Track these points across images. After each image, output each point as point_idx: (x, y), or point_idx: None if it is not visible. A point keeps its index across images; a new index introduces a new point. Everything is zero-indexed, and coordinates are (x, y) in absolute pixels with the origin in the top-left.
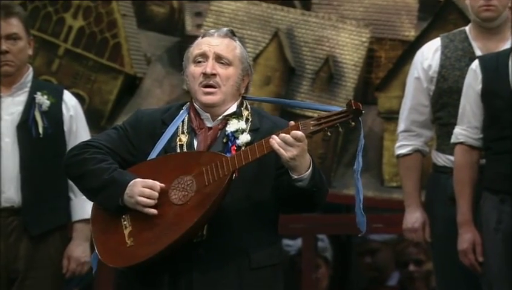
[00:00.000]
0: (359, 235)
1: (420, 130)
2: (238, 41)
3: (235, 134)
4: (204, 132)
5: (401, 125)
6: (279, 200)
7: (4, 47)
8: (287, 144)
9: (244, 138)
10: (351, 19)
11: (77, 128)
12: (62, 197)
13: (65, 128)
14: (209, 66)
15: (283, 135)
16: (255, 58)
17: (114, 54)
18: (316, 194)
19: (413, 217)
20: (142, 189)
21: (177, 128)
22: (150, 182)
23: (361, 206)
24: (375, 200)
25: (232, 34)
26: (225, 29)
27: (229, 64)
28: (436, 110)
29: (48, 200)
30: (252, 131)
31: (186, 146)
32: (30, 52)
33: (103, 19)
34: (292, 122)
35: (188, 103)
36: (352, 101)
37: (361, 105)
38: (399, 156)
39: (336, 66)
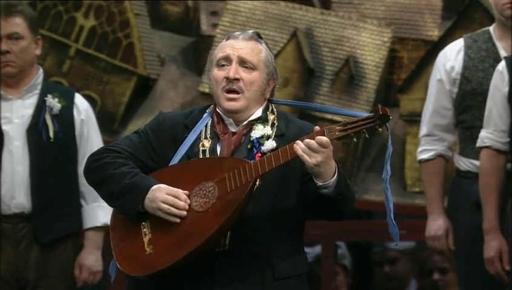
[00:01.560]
0: (393, 246)
1: (443, 134)
2: (264, 44)
3: (260, 140)
4: (227, 138)
5: (423, 129)
6: (304, 207)
7: (5, 47)
8: (311, 149)
9: (270, 144)
10: (373, 18)
11: (89, 133)
12: (73, 203)
13: (76, 132)
14: (232, 71)
15: (307, 140)
16: None
17: (126, 54)
18: (341, 203)
19: (436, 225)
20: (166, 196)
21: (200, 133)
22: (174, 190)
23: (392, 216)
24: (397, 206)
25: (257, 37)
26: (250, 31)
27: (253, 68)
28: (459, 113)
29: (59, 207)
30: (277, 137)
31: (209, 152)
32: (38, 52)
33: (116, 19)
34: (317, 127)
35: (211, 106)
36: (380, 106)
37: (388, 110)
38: (421, 161)
39: (357, 67)
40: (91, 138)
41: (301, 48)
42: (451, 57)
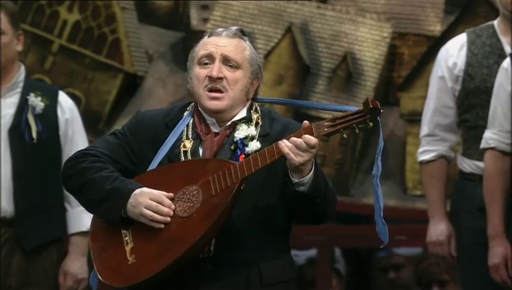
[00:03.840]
0: (381, 247)
1: (444, 134)
2: (248, 42)
3: (244, 141)
4: (210, 138)
5: (424, 129)
6: (287, 209)
7: None
8: (298, 148)
9: (254, 145)
10: (372, 13)
11: (73, 133)
12: (57, 207)
13: (61, 132)
14: (215, 69)
15: (294, 139)
16: (267, 56)
17: (112, 50)
18: (319, 201)
19: (438, 229)
20: (149, 201)
21: (181, 133)
22: (158, 194)
23: (382, 214)
24: (397, 210)
25: (241, 34)
26: (234, 28)
27: (237, 67)
28: (462, 112)
29: (43, 211)
30: (261, 137)
31: (191, 153)
32: (19, 48)
33: (101, 13)
34: (306, 122)
35: (192, 105)
36: (369, 100)
37: (378, 104)
38: (422, 163)
39: (355, 63)
40: (75, 139)
41: (296, 44)
42: (454, 53)
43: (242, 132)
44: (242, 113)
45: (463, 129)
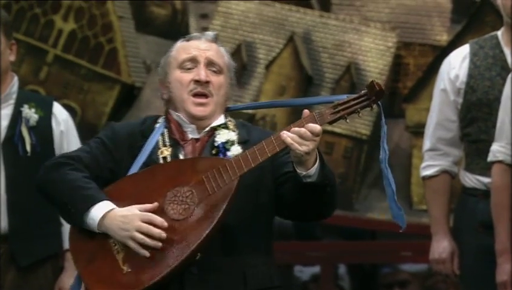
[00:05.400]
0: (400, 231)
1: (447, 148)
2: (223, 48)
3: (226, 145)
4: (191, 144)
5: (426, 144)
6: (285, 209)
7: None
8: (302, 138)
9: (236, 149)
10: (376, 22)
11: (69, 145)
12: (53, 222)
13: (55, 145)
14: (203, 73)
15: (297, 129)
16: (268, 66)
17: (109, 60)
18: (329, 192)
19: (440, 247)
20: (139, 224)
21: (157, 142)
22: (147, 215)
23: (395, 198)
24: None
25: (216, 40)
26: (211, 32)
27: (220, 72)
28: (464, 126)
29: (38, 226)
30: (241, 143)
31: (171, 159)
32: (12, 58)
33: (97, 22)
34: (307, 111)
35: (162, 117)
36: (374, 82)
37: (383, 85)
38: (424, 178)
39: (359, 74)
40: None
41: (299, 54)
42: (456, 65)
43: (223, 136)
44: (221, 120)
45: (466, 143)
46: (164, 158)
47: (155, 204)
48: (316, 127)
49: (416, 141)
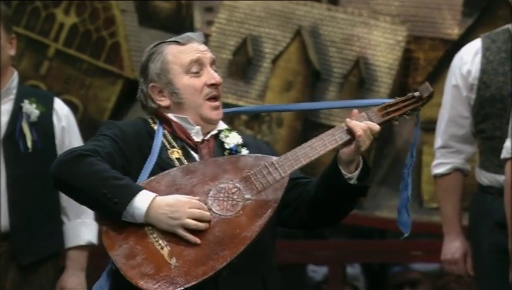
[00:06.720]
0: (401, 239)
1: (460, 145)
2: None
3: (238, 148)
4: (207, 145)
5: (438, 141)
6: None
7: None
8: (371, 133)
9: (245, 152)
10: (385, 15)
11: (70, 142)
12: (54, 220)
13: (57, 141)
14: (216, 76)
15: (370, 123)
16: (274, 60)
17: (111, 55)
18: (361, 196)
19: (453, 247)
20: (191, 210)
21: (162, 143)
22: (196, 202)
23: (407, 204)
24: (413, 223)
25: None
26: (198, 32)
27: (216, 71)
28: (477, 122)
29: (39, 225)
30: (244, 146)
31: (186, 159)
32: (12, 52)
33: (100, 15)
34: (356, 111)
35: (151, 119)
36: (428, 83)
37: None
38: (436, 176)
39: (368, 69)
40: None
41: (306, 48)
42: (468, 60)
43: (233, 139)
44: (222, 123)
45: (480, 140)
46: (178, 159)
47: (197, 198)
48: (375, 126)
49: (427, 137)
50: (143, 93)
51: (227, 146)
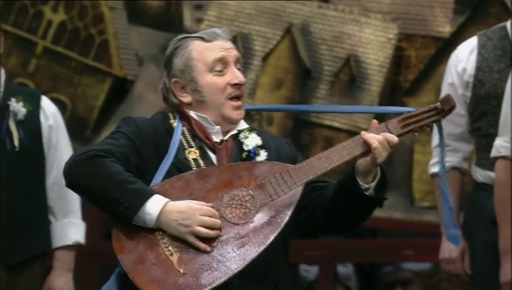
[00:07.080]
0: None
1: (457, 144)
2: None
3: (256, 150)
4: (224, 146)
5: (435, 139)
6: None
7: None
8: (388, 144)
9: (263, 155)
10: (376, 12)
11: (58, 140)
12: (41, 220)
13: (44, 140)
14: (240, 75)
15: (388, 134)
16: (265, 58)
17: (100, 53)
18: (377, 207)
19: (450, 246)
20: (202, 218)
21: (180, 141)
22: (208, 209)
23: (452, 217)
24: (404, 223)
25: None
26: (224, 29)
27: (240, 69)
28: (474, 120)
29: (27, 224)
30: (263, 148)
31: (202, 160)
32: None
33: (88, 13)
34: (375, 122)
35: (171, 114)
36: (450, 96)
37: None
38: (433, 175)
39: (359, 67)
40: (60, 146)
41: (296, 46)
42: (463, 58)
43: (253, 140)
44: (243, 122)
45: (476, 138)
46: (195, 160)
47: (210, 205)
48: (394, 138)
49: (418, 135)
50: (165, 87)
51: (245, 147)
